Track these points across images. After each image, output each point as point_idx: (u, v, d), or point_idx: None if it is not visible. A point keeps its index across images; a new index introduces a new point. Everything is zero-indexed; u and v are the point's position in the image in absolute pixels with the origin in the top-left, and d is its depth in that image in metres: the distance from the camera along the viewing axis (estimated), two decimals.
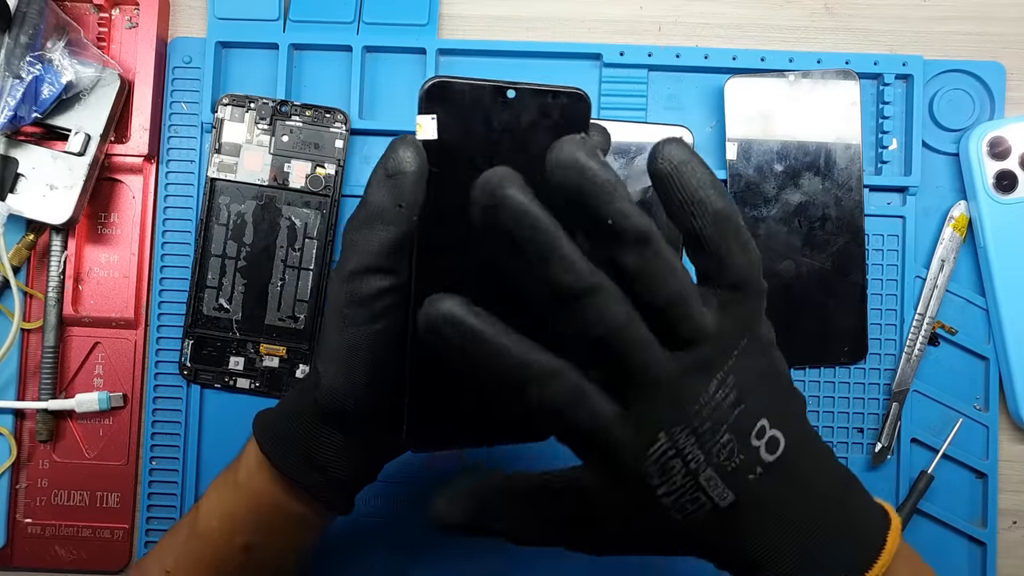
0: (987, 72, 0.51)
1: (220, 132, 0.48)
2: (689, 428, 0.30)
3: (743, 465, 0.31)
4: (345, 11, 0.51)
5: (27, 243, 0.50)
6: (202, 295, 0.49)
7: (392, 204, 0.33)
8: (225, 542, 0.38)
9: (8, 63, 0.44)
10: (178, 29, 0.53)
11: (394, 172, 0.32)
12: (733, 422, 0.31)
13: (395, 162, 0.32)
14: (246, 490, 0.38)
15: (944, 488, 0.50)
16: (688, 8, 0.52)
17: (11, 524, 0.50)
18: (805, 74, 0.49)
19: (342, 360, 0.34)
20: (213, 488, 0.39)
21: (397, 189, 0.32)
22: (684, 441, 0.30)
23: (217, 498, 0.38)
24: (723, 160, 0.50)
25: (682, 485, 0.30)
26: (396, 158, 0.32)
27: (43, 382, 0.49)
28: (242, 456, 0.39)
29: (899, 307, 0.50)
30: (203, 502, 0.39)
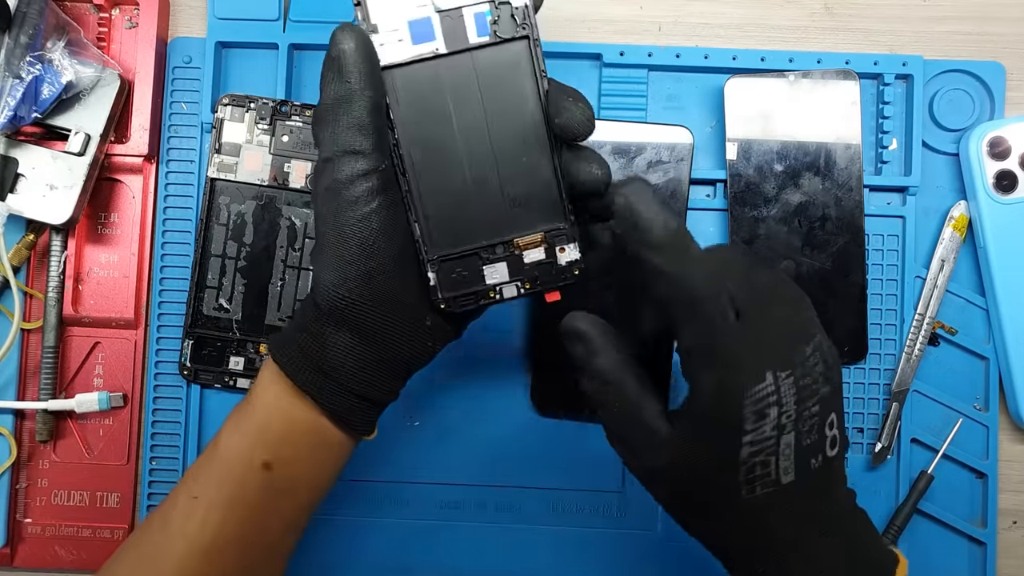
0: (987, 72, 0.51)
1: (220, 132, 0.48)
2: (793, 378, 0.31)
3: (813, 446, 0.32)
4: (345, 11, 0.51)
5: (27, 243, 0.50)
6: (202, 295, 0.49)
7: (341, 84, 0.33)
8: (245, 462, 0.36)
9: (8, 63, 0.44)
10: (178, 29, 0.53)
11: (336, 54, 0.34)
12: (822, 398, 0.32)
13: (335, 45, 0.34)
14: (261, 406, 0.37)
15: (944, 488, 0.50)
16: (688, 8, 0.52)
17: (11, 524, 0.50)
18: (805, 74, 0.49)
19: (331, 254, 0.34)
20: (232, 413, 0.38)
21: (343, 69, 0.33)
22: (786, 392, 0.31)
23: (235, 420, 0.38)
24: (723, 160, 0.50)
25: (766, 439, 0.31)
26: (335, 41, 0.34)
27: (43, 382, 0.49)
28: (259, 374, 0.38)
29: (899, 307, 0.50)
30: (223, 427, 0.38)
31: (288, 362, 0.36)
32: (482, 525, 0.50)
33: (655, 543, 0.50)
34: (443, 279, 0.37)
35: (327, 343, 0.35)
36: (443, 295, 0.37)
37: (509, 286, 0.37)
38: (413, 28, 0.36)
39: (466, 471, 0.50)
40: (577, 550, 0.50)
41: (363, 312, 0.35)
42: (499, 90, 0.36)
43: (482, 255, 0.37)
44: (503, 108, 0.36)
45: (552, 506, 0.50)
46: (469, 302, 0.37)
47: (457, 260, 0.37)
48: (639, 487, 0.50)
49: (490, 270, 0.37)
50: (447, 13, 0.36)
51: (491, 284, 0.37)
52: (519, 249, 0.37)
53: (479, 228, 0.37)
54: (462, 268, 0.37)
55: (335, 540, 0.50)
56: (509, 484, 0.50)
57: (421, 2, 0.35)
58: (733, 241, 0.49)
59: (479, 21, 0.36)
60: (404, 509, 0.50)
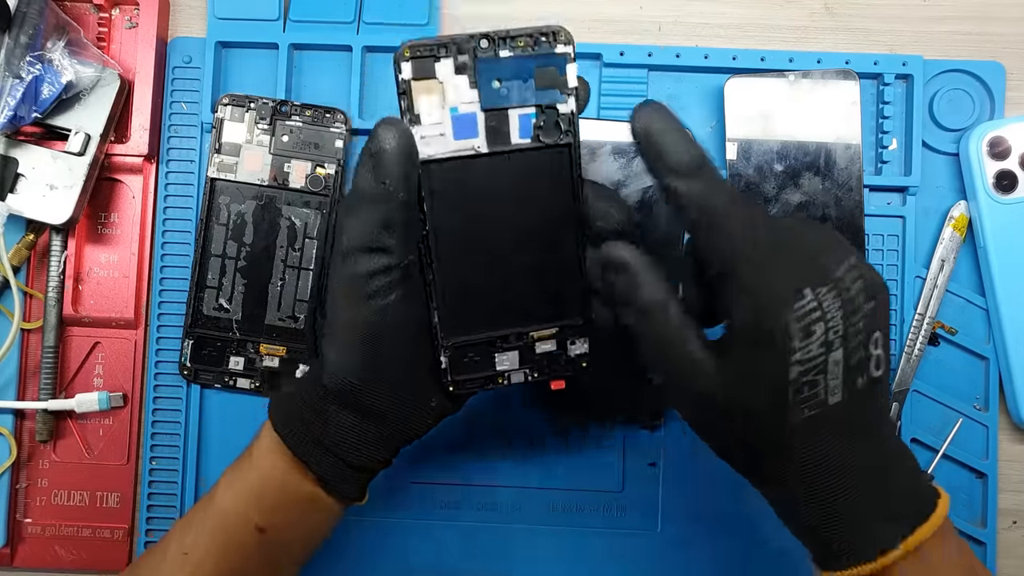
0: (987, 72, 0.51)
1: (220, 132, 0.48)
2: (836, 291, 0.31)
3: (860, 365, 0.31)
4: (345, 11, 0.51)
5: (27, 243, 0.50)
6: (202, 295, 0.49)
7: (377, 183, 0.33)
8: (240, 523, 0.37)
9: (8, 63, 0.44)
10: (178, 29, 0.53)
11: (376, 151, 0.33)
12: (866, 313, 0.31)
13: (376, 142, 0.33)
14: (259, 470, 0.38)
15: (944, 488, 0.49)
16: (688, 8, 0.52)
17: (11, 524, 0.50)
18: (805, 74, 0.49)
19: (342, 339, 0.35)
20: (229, 470, 0.39)
21: (380, 167, 0.33)
22: (830, 306, 0.31)
23: (232, 479, 0.38)
24: (723, 160, 0.50)
25: (813, 358, 0.31)
26: (377, 138, 0.33)
27: (43, 382, 0.49)
28: (257, 437, 0.39)
29: (899, 307, 0.50)
30: (219, 484, 0.39)
31: (290, 434, 0.37)
32: (482, 525, 0.50)
33: (655, 543, 0.50)
34: (455, 363, 0.38)
35: (330, 420, 0.36)
36: (453, 378, 0.38)
37: (517, 373, 0.39)
38: (456, 123, 0.35)
39: (466, 471, 0.50)
40: (577, 550, 0.50)
41: (369, 397, 0.36)
42: (534, 190, 0.37)
43: (496, 343, 0.38)
44: (535, 206, 0.37)
45: (552, 506, 0.50)
46: (477, 386, 0.38)
47: (471, 347, 0.38)
48: (639, 487, 0.50)
49: (501, 357, 0.38)
50: (493, 112, 0.35)
51: (501, 370, 0.38)
52: (533, 341, 0.38)
53: (496, 318, 0.38)
54: (474, 354, 0.38)
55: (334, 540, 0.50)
56: (509, 484, 0.50)
57: (467, 98, 0.35)
58: None
59: (523, 123, 0.36)
60: (404, 509, 0.50)
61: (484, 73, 0.35)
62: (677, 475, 0.50)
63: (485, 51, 0.35)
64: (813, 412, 0.31)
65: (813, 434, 0.32)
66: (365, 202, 0.34)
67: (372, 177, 0.33)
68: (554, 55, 0.36)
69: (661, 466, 0.50)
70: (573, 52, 0.36)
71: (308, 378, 0.38)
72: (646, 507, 0.50)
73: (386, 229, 0.34)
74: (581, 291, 0.38)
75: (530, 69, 0.35)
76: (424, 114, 0.35)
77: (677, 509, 0.50)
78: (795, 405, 0.31)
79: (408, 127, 0.34)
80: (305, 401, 0.37)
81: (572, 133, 0.36)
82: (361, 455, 0.37)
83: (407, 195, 0.34)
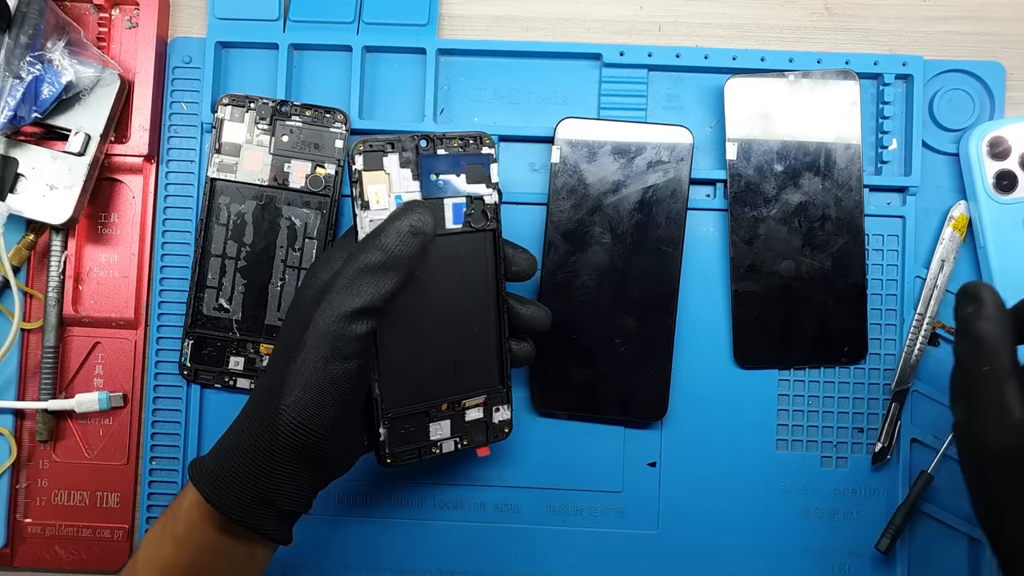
0: (987, 72, 0.51)
1: (220, 132, 0.48)
2: None
3: None
4: (345, 11, 0.51)
5: (27, 243, 0.50)
6: (202, 295, 0.49)
7: (409, 258, 0.36)
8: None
9: (8, 63, 0.44)
10: (178, 29, 0.53)
11: (419, 231, 0.36)
12: None
13: (422, 223, 0.37)
14: (187, 544, 0.38)
15: (944, 488, 0.50)
16: (688, 8, 0.52)
17: (11, 524, 0.50)
18: (805, 74, 0.49)
19: (319, 392, 0.36)
20: (150, 544, 0.39)
21: (414, 246, 0.36)
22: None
23: (157, 555, 0.38)
24: (723, 160, 0.50)
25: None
26: (424, 220, 0.37)
27: (43, 382, 0.49)
28: (178, 508, 0.39)
29: (899, 307, 0.50)
30: (140, 559, 0.39)
31: (226, 500, 0.37)
32: (482, 525, 0.50)
33: (655, 543, 0.50)
34: (392, 435, 0.42)
35: (274, 473, 0.37)
36: (391, 451, 0.42)
37: (449, 442, 0.43)
38: None
39: (466, 471, 0.50)
40: (577, 550, 0.50)
41: (323, 449, 0.37)
42: (464, 269, 0.42)
43: (430, 413, 0.43)
44: (465, 285, 0.43)
45: (552, 506, 0.50)
46: (412, 457, 0.42)
47: (407, 417, 0.42)
48: (639, 487, 0.50)
49: (435, 427, 0.43)
50: (431, 201, 0.41)
51: (434, 439, 0.43)
52: (463, 408, 0.43)
53: (431, 388, 0.43)
54: (410, 425, 0.42)
55: (334, 540, 0.50)
56: (509, 484, 0.50)
57: (410, 188, 0.41)
58: (733, 241, 0.49)
59: (456, 211, 0.42)
60: (404, 509, 0.50)
61: (425, 167, 0.41)
62: (677, 475, 0.50)
63: (425, 149, 0.41)
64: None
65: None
66: (393, 271, 0.36)
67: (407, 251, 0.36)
68: (480, 155, 0.43)
69: (661, 466, 0.50)
70: (495, 154, 0.43)
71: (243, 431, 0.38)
72: (646, 507, 0.50)
73: (393, 299, 0.36)
74: (501, 361, 0.44)
75: (462, 165, 0.42)
76: (372, 200, 0.40)
77: (677, 509, 0.50)
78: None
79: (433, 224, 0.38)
80: (246, 457, 0.37)
81: (496, 220, 0.43)
82: (298, 502, 0.38)
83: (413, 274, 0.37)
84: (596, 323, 0.49)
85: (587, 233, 0.48)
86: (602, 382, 0.49)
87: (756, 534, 0.50)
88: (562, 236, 0.49)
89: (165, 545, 0.38)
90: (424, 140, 0.41)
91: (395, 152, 0.41)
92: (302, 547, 0.50)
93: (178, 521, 0.38)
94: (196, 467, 0.38)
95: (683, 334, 0.50)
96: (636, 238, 0.48)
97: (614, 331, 0.49)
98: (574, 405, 0.49)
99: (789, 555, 0.50)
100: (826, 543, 0.50)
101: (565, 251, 0.49)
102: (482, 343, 0.43)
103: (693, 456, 0.50)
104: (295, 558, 0.50)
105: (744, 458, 0.50)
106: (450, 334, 0.42)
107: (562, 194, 0.49)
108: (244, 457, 0.37)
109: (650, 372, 0.49)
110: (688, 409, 0.50)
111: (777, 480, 0.50)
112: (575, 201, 0.49)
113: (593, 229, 0.49)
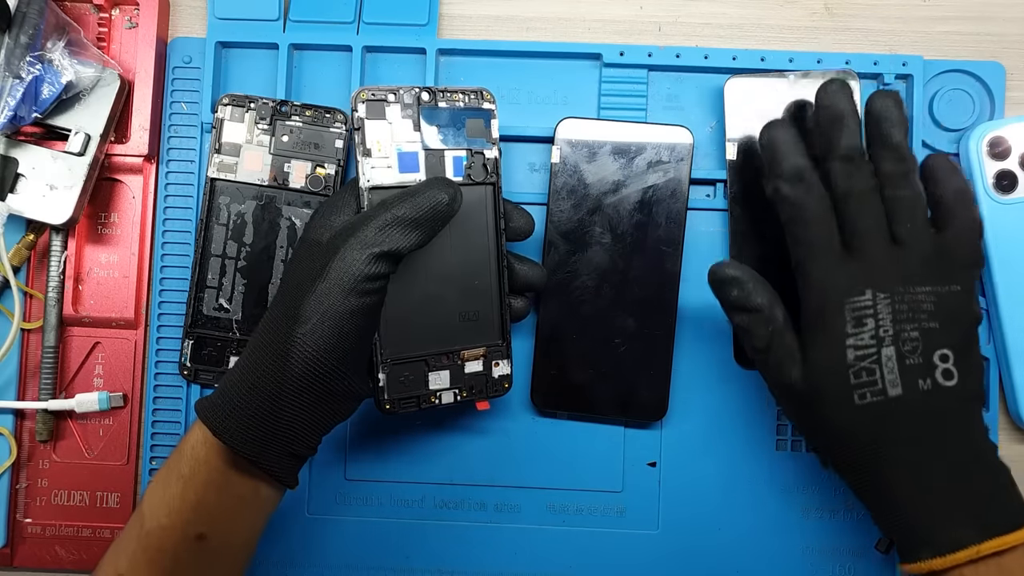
0: (987, 72, 0.51)
1: (220, 132, 0.48)
2: (890, 300, 0.38)
3: (917, 368, 0.37)
4: (345, 11, 0.51)
5: (27, 243, 0.50)
6: (202, 295, 0.49)
7: (437, 222, 0.38)
8: (178, 536, 0.38)
9: (8, 63, 0.44)
10: (178, 29, 0.53)
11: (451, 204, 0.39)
12: (925, 329, 0.38)
13: (456, 199, 0.39)
14: (195, 481, 0.38)
15: None
16: (688, 8, 0.52)
17: (11, 524, 0.50)
18: (805, 74, 0.49)
19: (337, 323, 0.37)
20: (157, 484, 0.39)
21: (444, 215, 0.39)
22: (882, 309, 0.38)
23: (162, 495, 0.38)
24: (723, 160, 0.50)
25: (866, 347, 0.37)
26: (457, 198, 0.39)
27: (43, 382, 0.49)
28: (184, 446, 0.39)
29: None
30: (147, 500, 0.39)
31: (233, 434, 0.37)
32: (482, 525, 0.50)
33: (655, 543, 0.50)
34: (392, 382, 0.42)
35: (283, 405, 0.37)
36: (390, 396, 0.43)
37: (448, 392, 0.44)
38: (401, 159, 0.42)
39: (466, 471, 0.50)
40: (577, 550, 0.50)
41: (336, 381, 0.37)
42: (465, 222, 0.43)
43: (429, 362, 0.43)
44: (466, 238, 0.43)
45: (552, 506, 0.50)
46: (411, 406, 0.43)
47: (407, 364, 0.43)
48: (639, 487, 0.50)
49: (434, 376, 0.43)
50: (432, 152, 0.43)
51: (433, 389, 0.43)
52: (463, 360, 0.44)
53: (431, 338, 0.43)
54: (409, 373, 0.43)
55: (334, 540, 0.50)
56: (509, 484, 0.50)
57: (411, 138, 0.42)
58: (733, 241, 0.49)
59: (456, 163, 0.43)
60: (404, 509, 0.50)
61: (426, 119, 0.43)
62: (677, 475, 0.50)
63: (427, 102, 0.42)
64: (875, 399, 0.37)
65: (879, 422, 0.37)
66: (422, 224, 0.38)
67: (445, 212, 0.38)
68: (482, 110, 0.44)
69: (661, 466, 0.50)
70: (495, 109, 0.44)
71: (251, 369, 0.38)
72: (646, 507, 0.50)
73: (412, 252, 0.38)
74: (501, 315, 0.44)
75: (463, 119, 0.43)
76: (374, 148, 0.41)
77: (677, 509, 0.50)
78: (856, 388, 0.37)
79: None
80: (256, 391, 0.37)
81: (496, 175, 0.44)
82: (304, 443, 0.38)
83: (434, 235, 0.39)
84: (596, 323, 0.49)
85: (587, 233, 0.48)
86: (602, 382, 0.49)
87: (756, 534, 0.50)
88: (562, 236, 0.49)
89: (171, 484, 0.38)
90: (426, 92, 0.42)
91: (396, 103, 0.42)
92: (302, 547, 0.50)
93: (184, 459, 0.38)
94: (202, 403, 0.38)
95: (683, 334, 0.50)
96: (636, 238, 0.48)
97: (614, 331, 0.49)
98: (574, 405, 0.49)
99: (789, 555, 0.50)
100: (826, 543, 0.50)
101: (565, 251, 0.49)
102: (482, 296, 0.44)
103: (693, 456, 0.50)
104: (295, 558, 0.50)
105: (744, 458, 0.50)
106: (450, 286, 0.43)
107: (562, 194, 0.49)
108: (254, 389, 0.37)
109: (650, 372, 0.49)
110: (688, 409, 0.50)
111: (777, 480, 0.50)
112: (575, 201, 0.49)
113: (593, 229, 0.49)
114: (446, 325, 0.43)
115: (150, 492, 0.39)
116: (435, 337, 0.43)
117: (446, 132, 0.43)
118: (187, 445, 0.39)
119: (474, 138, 0.43)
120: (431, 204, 0.38)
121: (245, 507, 0.39)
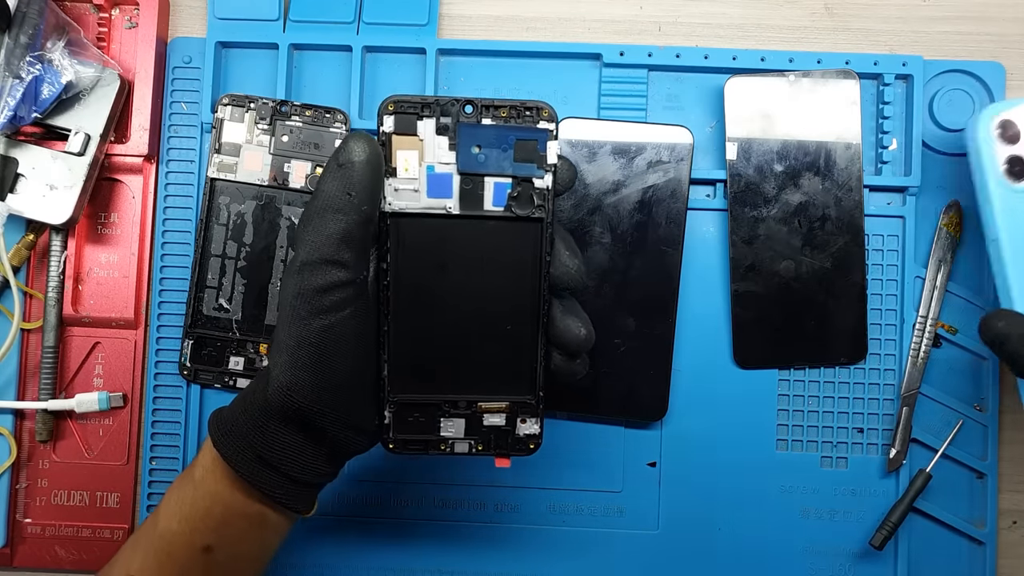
0: (987, 72, 0.51)
1: (220, 132, 0.48)
2: None
3: None
4: (345, 11, 0.51)
5: (27, 243, 0.50)
6: (202, 295, 0.49)
7: (342, 193, 0.33)
8: (186, 543, 0.37)
9: (8, 63, 0.44)
10: (178, 29, 0.53)
11: (344, 162, 0.33)
12: None
13: (346, 153, 0.33)
14: (203, 490, 0.37)
15: (944, 488, 0.50)
16: (688, 8, 0.52)
17: (11, 524, 0.50)
18: (805, 74, 0.49)
19: (290, 354, 0.34)
20: (172, 489, 0.39)
21: (347, 178, 0.33)
22: None
23: (177, 499, 0.38)
24: (723, 160, 0.50)
25: None
26: (347, 149, 0.34)
27: (43, 382, 0.49)
28: (199, 455, 0.38)
29: (899, 307, 0.50)
30: (163, 504, 0.39)
31: (231, 452, 0.36)
32: (482, 525, 0.50)
33: (655, 543, 0.50)
34: (398, 421, 0.37)
35: (271, 437, 0.36)
36: (395, 436, 0.37)
37: (462, 443, 0.38)
38: (431, 182, 0.36)
39: (466, 471, 0.50)
40: (577, 550, 0.50)
41: (313, 417, 0.35)
42: (501, 258, 0.37)
43: (443, 407, 0.38)
44: (500, 276, 0.37)
45: (552, 506, 0.50)
46: (418, 449, 0.38)
47: (417, 406, 0.37)
48: (639, 487, 0.50)
49: (447, 423, 0.38)
50: (468, 176, 0.36)
51: (445, 437, 0.38)
52: (480, 411, 0.38)
53: (446, 381, 0.37)
54: (419, 414, 0.38)
55: (334, 540, 0.50)
56: (509, 484, 0.50)
57: (445, 159, 0.35)
58: (733, 241, 0.49)
59: (498, 191, 0.36)
60: (404, 509, 0.50)
61: (464, 137, 0.35)
62: (677, 475, 0.50)
63: (468, 116, 0.35)
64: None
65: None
66: (329, 212, 0.33)
67: (339, 187, 0.33)
68: (536, 129, 0.36)
69: (661, 466, 0.50)
70: (556, 129, 0.36)
71: (251, 391, 0.37)
72: (646, 507, 0.50)
73: (346, 242, 0.33)
74: (534, 369, 0.38)
75: (511, 140, 0.36)
76: (400, 168, 0.35)
77: (677, 509, 0.50)
78: None
79: (378, 144, 0.34)
80: (247, 416, 0.36)
81: (545, 208, 0.36)
82: (305, 472, 0.36)
83: (370, 209, 0.34)
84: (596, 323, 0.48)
85: (587, 233, 0.48)
86: (602, 382, 0.49)
87: (756, 534, 0.50)
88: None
89: (185, 487, 0.38)
90: (469, 105, 0.35)
91: (432, 117, 0.35)
92: (302, 547, 0.50)
93: (197, 463, 0.38)
94: (214, 417, 0.38)
95: (683, 334, 0.50)
96: (636, 238, 0.48)
97: (614, 331, 0.48)
98: (574, 405, 0.49)
99: (789, 555, 0.50)
100: (826, 543, 0.50)
101: None
102: (512, 344, 0.37)
103: (693, 456, 0.50)
104: (295, 558, 0.50)
105: (744, 458, 0.50)
106: (474, 327, 0.37)
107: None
108: (245, 413, 0.36)
109: (650, 372, 0.49)
110: (688, 409, 0.50)
111: (777, 480, 0.50)
112: (575, 201, 0.49)
113: (593, 229, 0.49)
114: (466, 370, 0.38)
115: (168, 492, 0.39)
116: (451, 380, 0.38)
117: (489, 153, 0.36)
118: (202, 451, 0.38)
119: (522, 163, 0.36)
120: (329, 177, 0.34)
121: (250, 527, 0.38)
